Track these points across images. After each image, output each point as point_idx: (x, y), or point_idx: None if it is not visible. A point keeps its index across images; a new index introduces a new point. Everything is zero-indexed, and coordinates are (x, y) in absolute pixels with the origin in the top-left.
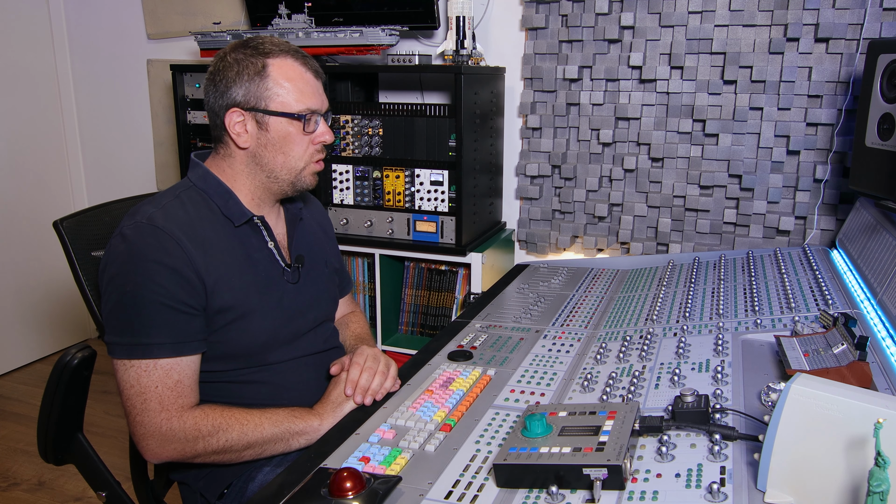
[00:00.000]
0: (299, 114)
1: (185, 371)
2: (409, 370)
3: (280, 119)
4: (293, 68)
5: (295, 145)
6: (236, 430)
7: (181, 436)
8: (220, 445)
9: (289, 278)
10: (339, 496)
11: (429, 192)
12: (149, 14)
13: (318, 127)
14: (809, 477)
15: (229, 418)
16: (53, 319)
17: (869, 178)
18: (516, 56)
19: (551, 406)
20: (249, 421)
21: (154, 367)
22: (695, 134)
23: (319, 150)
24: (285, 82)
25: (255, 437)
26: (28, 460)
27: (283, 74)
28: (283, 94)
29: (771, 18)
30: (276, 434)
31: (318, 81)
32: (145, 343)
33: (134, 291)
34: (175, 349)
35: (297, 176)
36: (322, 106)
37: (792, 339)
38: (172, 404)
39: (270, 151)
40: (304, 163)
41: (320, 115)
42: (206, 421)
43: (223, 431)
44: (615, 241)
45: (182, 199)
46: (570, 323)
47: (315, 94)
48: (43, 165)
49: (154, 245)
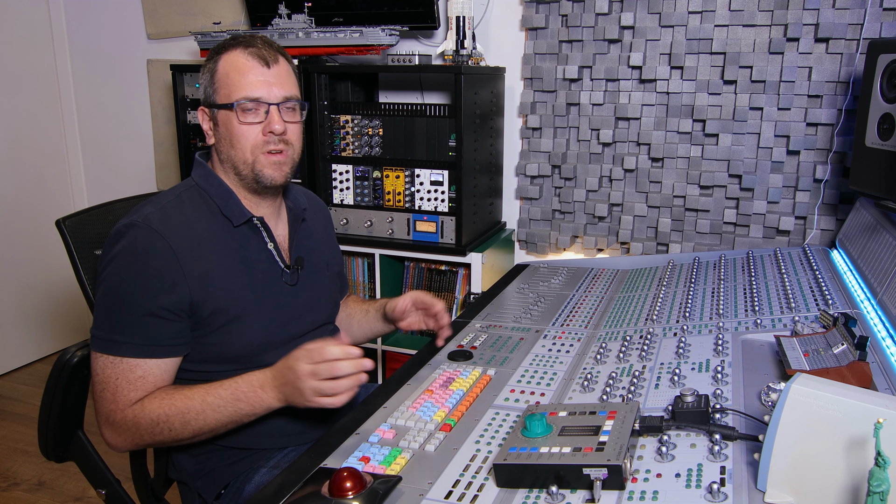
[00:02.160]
0: (233, 103)
1: (152, 370)
2: (409, 370)
3: (223, 112)
4: (237, 59)
5: (240, 136)
6: (178, 421)
7: (125, 428)
8: (166, 436)
9: (287, 280)
10: (339, 496)
11: (429, 192)
12: (149, 14)
13: (269, 116)
14: (809, 477)
15: (169, 408)
16: (53, 319)
17: (869, 178)
18: (516, 56)
19: (551, 406)
20: (191, 410)
21: (119, 362)
22: (695, 134)
23: (271, 140)
24: (227, 75)
25: (199, 425)
26: (28, 460)
27: (226, 67)
28: (225, 86)
29: (771, 18)
30: (221, 420)
31: (266, 69)
32: (117, 340)
33: (119, 291)
34: (143, 351)
35: (253, 169)
36: (269, 94)
37: (792, 339)
38: (123, 398)
39: (224, 145)
40: (252, 154)
41: (269, 105)
42: (144, 414)
43: (164, 422)
44: (615, 241)
45: (182, 198)
46: (570, 323)
47: (256, 84)
48: (43, 165)
49: (146, 247)
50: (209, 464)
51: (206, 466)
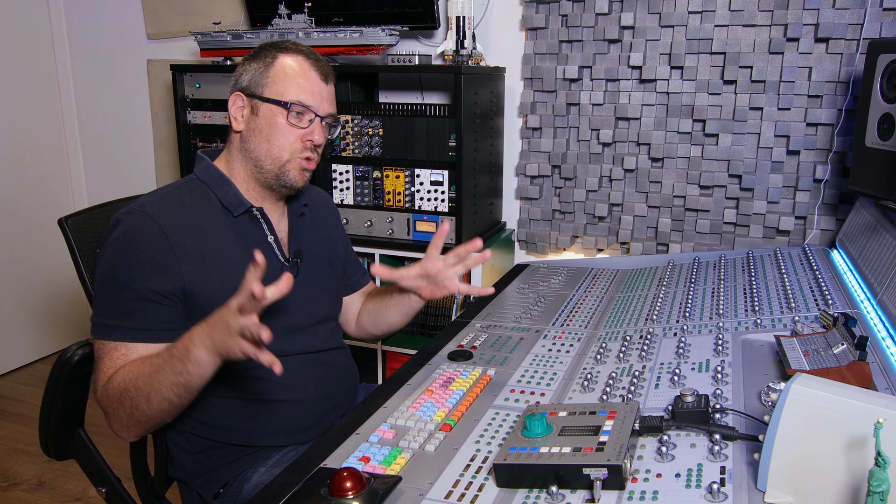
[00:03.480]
0: (288, 103)
1: (138, 349)
2: (409, 370)
3: (270, 106)
4: (300, 64)
5: (280, 135)
6: (132, 388)
7: (106, 404)
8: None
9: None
10: (339, 496)
11: (429, 192)
12: (149, 14)
13: (311, 125)
14: (809, 477)
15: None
16: (53, 319)
17: (869, 178)
18: (516, 56)
19: (551, 406)
20: (141, 375)
21: (107, 342)
22: (695, 134)
23: (308, 147)
24: (286, 74)
25: (147, 389)
26: (28, 460)
27: (287, 67)
28: (280, 83)
29: (771, 18)
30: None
31: (322, 83)
32: (110, 325)
33: (113, 276)
34: (135, 335)
35: (281, 168)
36: (319, 106)
37: (792, 339)
38: (102, 376)
39: (257, 137)
40: (290, 155)
41: (316, 116)
42: (113, 386)
43: (125, 392)
44: (615, 241)
45: (181, 190)
46: (570, 323)
47: (313, 92)
48: (43, 165)
49: (140, 232)
50: (208, 462)
51: (206, 465)
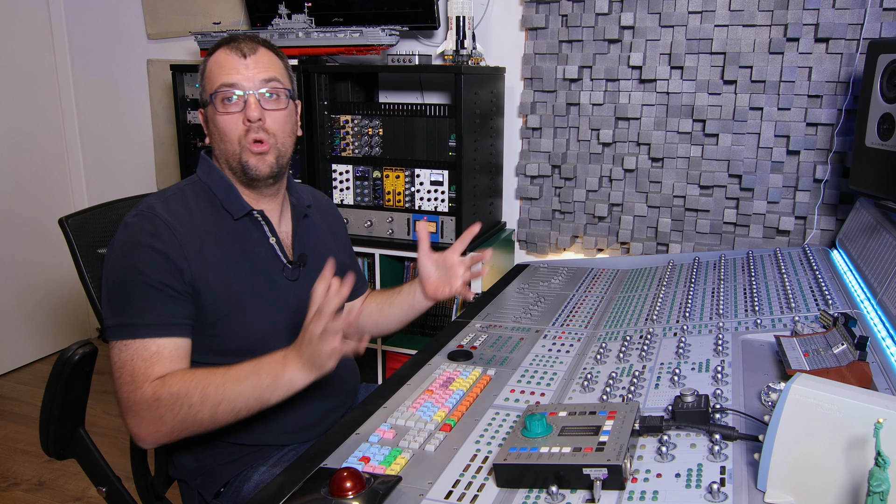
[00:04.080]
0: (212, 94)
1: (167, 346)
2: (409, 370)
3: (210, 108)
4: (219, 55)
5: (223, 128)
6: (197, 395)
7: (146, 408)
8: (185, 413)
9: (288, 275)
10: (339, 496)
11: (429, 192)
12: (149, 14)
13: (246, 105)
14: (809, 477)
15: (190, 382)
16: (54, 319)
17: (869, 178)
18: (516, 56)
19: (551, 406)
20: (211, 383)
21: (132, 343)
22: (695, 134)
23: (251, 129)
24: (210, 70)
25: (218, 398)
26: (28, 460)
27: (210, 65)
28: (206, 83)
29: (771, 18)
30: (241, 392)
31: (241, 59)
32: (133, 324)
33: (126, 274)
34: (156, 330)
35: (239, 160)
36: (244, 81)
37: (792, 339)
38: (140, 375)
39: (215, 141)
40: (237, 144)
41: (245, 93)
42: (165, 389)
43: (184, 397)
44: (615, 241)
45: (185, 192)
46: (570, 323)
47: (232, 71)
48: (43, 165)
49: (150, 231)
50: (209, 462)
51: (206, 465)
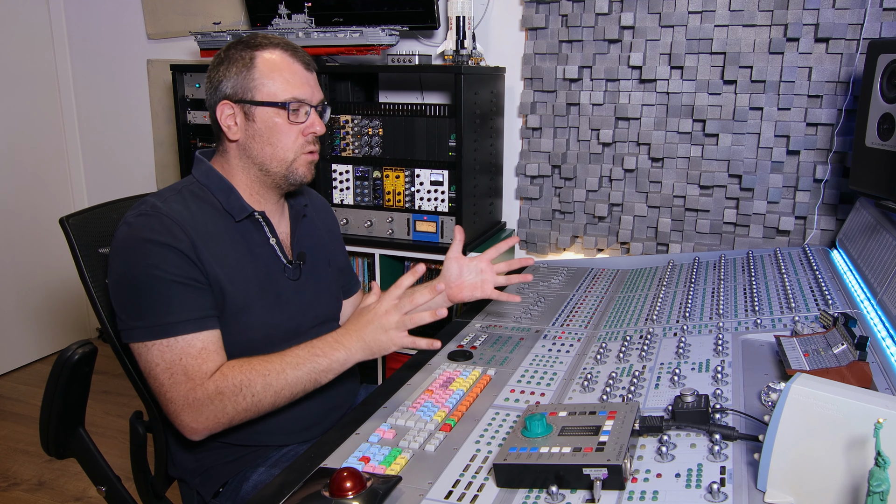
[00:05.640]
0: (284, 102)
1: (209, 338)
2: (409, 370)
3: (266, 109)
4: (280, 59)
5: (282, 136)
6: (259, 384)
7: (207, 402)
8: (248, 403)
9: (289, 275)
10: (339, 496)
11: (429, 192)
12: (149, 14)
13: (309, 118)
14: (809, 477)
15: (249, 372)
16: (53, 319)
17: (869, 178)
18: (516, 56)
19: (551, 406)
20: (271, 371)
21: (176, 341)
22: (695, 134)
23: (311, 141)
24: (272, 72)
25: (279, 385)
26: (28, 460)
27: (269, 65)
28: (270, 84)
29: (771, 18)
30: (300, 377)
31: (308, 73)
32: (169, 322)
33: (145, 274)
34: (196, 325)
35: (289, 168)
36: (312, 97)
37: (792, 339)
38: (197, 372)
39: (259, 143)
40: (294, 154)
41: (310, 107)
42: (227, 381)
43: (247, 387)
44: (615, 241)
45: (184, 194)
46: (570, 323)
47: (303, 85)
48: (43, 165)
49: (159, 229)
50: (208, 461)
51: (206, 464)
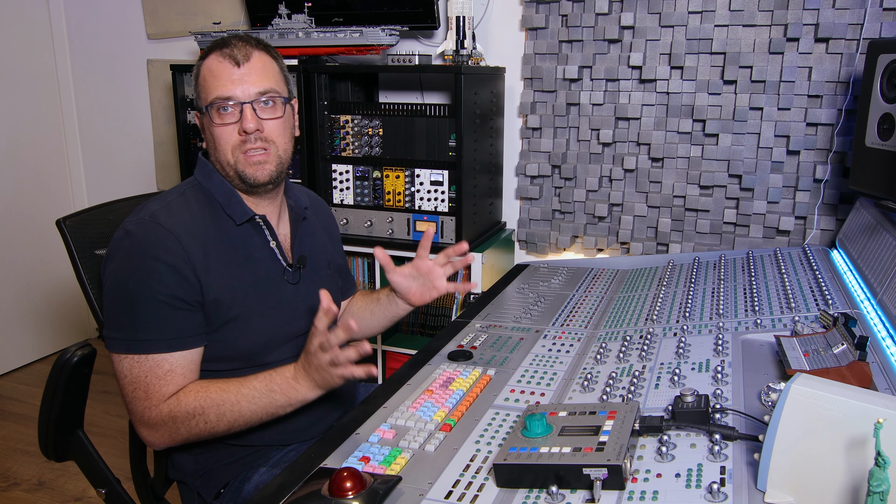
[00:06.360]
0: (207, 106)
1: (179, 363)
2: (409, 370)
3: (205, 116)
4: (212, 61)
5: (218, 138)
6: (213, 413)
7: (161, 423)
8: (201, 428)
9: (289, 278)
10: (339, 496)
11: (429, 192)
12: (149, 14)
13: (242, 115)
14: (809, 477)
15: (205, 400)
16: (53, 319)
17: (869, 178)
18: (516, 56)
19: (551, 406)
20: (225, 402)
21: (146, 359)
22: (695, 134)
23: (248, 140)
24: (205, 79)
25: (233, 417)
26: (28, 460)
27: (204, 71)
28: (202, 90)
29: (771, 18)
30: (256, 411)
31: (235, 68)
32: (142, 339)
33: (134, 288)
34: (170, 345)
35: (235, 169)
36: (240, 93)
37: (792, 339)
38: (156, 393)
39: (211, 149)
40: (232, 155)
41: (241, 104)
42: (181, 407)
43: (200, 415)
44: (615, 241)
45: (186, 196)
46: (570, 323)
47: (226, 83)
48: (43, 165)
49: (155, 242)
50: (208, 463)
51: (206, 466)
